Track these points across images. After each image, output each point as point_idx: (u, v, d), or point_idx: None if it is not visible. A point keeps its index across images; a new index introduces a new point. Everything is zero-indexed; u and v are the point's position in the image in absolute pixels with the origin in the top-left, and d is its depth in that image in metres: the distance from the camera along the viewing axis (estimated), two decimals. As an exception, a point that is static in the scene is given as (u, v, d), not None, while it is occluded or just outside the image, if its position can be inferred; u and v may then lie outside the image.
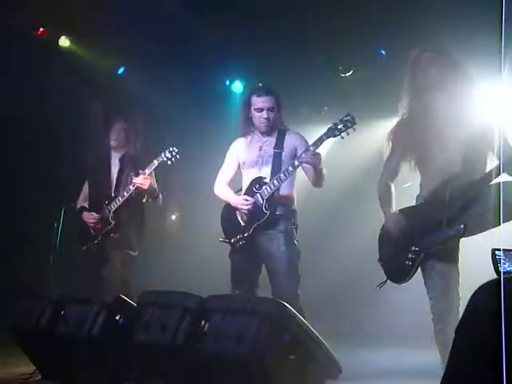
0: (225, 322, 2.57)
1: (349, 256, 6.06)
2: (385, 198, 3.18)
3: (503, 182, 2.82)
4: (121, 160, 4.45)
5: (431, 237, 2.88)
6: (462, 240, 2.92)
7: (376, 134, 6.67)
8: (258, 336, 2.44)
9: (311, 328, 2.58)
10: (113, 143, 4.44)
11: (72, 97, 5.84)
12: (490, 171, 2.79)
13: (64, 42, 6.01)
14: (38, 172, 5.83)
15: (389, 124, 6.85)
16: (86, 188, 4.57)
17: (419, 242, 2.91)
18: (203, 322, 2.65)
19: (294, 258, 3.43)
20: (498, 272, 2.13)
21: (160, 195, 4.45)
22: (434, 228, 2.87)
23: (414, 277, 2.98)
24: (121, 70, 6.32)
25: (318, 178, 3.49)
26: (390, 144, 3.17)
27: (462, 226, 2.79)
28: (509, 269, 2.12)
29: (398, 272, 3.00)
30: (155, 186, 4.34)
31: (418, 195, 3.10)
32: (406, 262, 2.92)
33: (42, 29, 5.78)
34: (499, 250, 2.11)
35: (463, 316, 1.32)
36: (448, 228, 2.83)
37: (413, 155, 3.06)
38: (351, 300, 5.91)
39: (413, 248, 2.92)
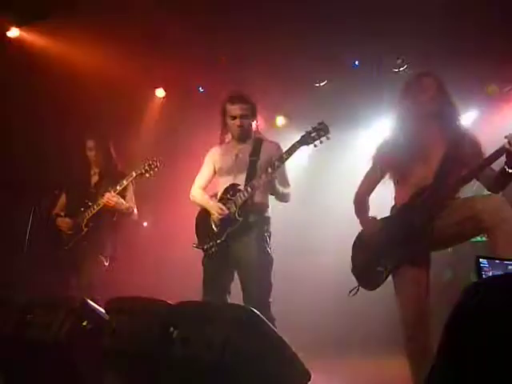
0: (194, 329, 2.55)
1: (324, 265, 6.13)
2: (360, 209, 3.25)
3: (475, 196, 2.91)
4: (100, 171, 4.48)
5: (402, 247, 2.91)
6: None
7: (350, 144, 6.79)
8: (227, 342, 2.42)
9: (280, 336, 2.58)
10: (90, 153, 4.46)
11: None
12: (457, 182, 2.87)
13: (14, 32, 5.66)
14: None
15: (362, 133, 7.03)
16: (63, 198, 4.60)
17: (391, 250, 2.94)
18: (172, 329, 2.62)
19: (266, 265, 3.43)
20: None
21: (134, 210, 4.44)
22: (405, 237, 2.91)
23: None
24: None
25: (276, 197, 3.55)
26: (373, 159, 3.21)
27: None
28: None
29: (369, 279, 3.02)
30: (124, 205, 4.32)
31: (392, 207, 3.14)
32: (378, 269, 2.94)
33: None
34: (483, 257, 2.09)
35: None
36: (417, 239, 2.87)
37: (394, 172, 3.11)
38: (326, 309, 5.95)
39: (385, 255, 2.95)
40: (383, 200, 3.25)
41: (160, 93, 6.77)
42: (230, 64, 5.94)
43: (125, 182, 4.25)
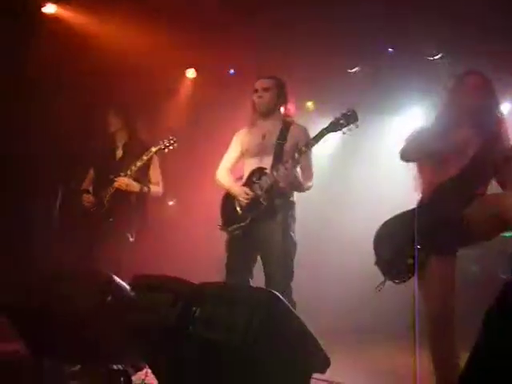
0: (216, 309, 2.57)
1: (348, 252, 6.10)
2: None
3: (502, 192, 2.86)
4: (124, 145, 4.51)
5: (430, 237, 2.85)
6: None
7: (380, 131, 6.72)
8: (249, 324, 2.44)
9: (302, 321, 2.59)
10: (111, 128, 4.48)
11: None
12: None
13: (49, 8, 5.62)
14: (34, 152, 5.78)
15: (394, 120, 6.92)
16: (91, 173, 4.67)
17: (420, 241, 2.86)
18: (195, 308, 2.65)
19: (289, 250, 3.43)
20: None
21: (157, 186, 4.48)
22: (433, 228, 2.86)
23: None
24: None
25: (296, 188, 3.54)
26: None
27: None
28: None
29: (398, 271, 2.96)
30: (137, 187, 4.37)
31: (421, 197, 3.10)
32: (408, 261, 2.88)
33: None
34: None
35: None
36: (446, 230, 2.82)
37: (426, 161, 3.10)
38: (349, 296, 5.94)
39: (413, 247, 2.87)
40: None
41: (191, 73, 6.77)
42: (262, 48, 5.89)
43: (144, 158, 4.30)
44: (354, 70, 6.38)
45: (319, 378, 2.80)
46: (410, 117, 6.84)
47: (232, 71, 6.68)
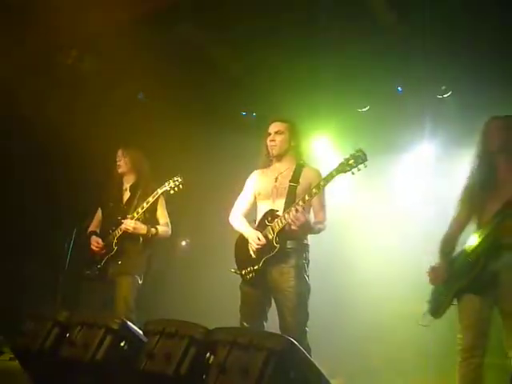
0: (230, 356, 2.53)
1: (360, 295, 6.05)
2: (444, 250, 3.39)
3: None
4: (131, 187, 4.52)
5: (461, 279, 3.19)
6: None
7: (390, 169, 6.72)
8: (264, 371, 2.40)
9: (318, 366, 2.54)
10: (120, 169, 4.51)
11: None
12: None
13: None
14: (47, 194, 5.86)
15: (404, 159, 6.94)
16: (99, 213, 4.67)
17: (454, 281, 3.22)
18: (208, 354, 2.61)
19: (304, 293, 3.39)
20: None
21: (165, 228, 4.48)
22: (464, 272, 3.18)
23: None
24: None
25: (310, 231, 3.51)
26: (459, 203, 3.42)
27: None
28: None
29: (437, 307, 3.28)
30: (144, 229, 4.36)
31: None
32: (443, 298, 3.21)
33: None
34: None
35: None
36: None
37: (475, 213, 3.35)
38: (360, 338, 5.87)
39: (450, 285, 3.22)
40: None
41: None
42: (273, 89, 5.97)
43: (151, 199, 4.30)
44: (364, 110, 6.43)
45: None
46: (420, 154, 6.86)
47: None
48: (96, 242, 4.44)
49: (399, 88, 6.13)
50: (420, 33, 5.15)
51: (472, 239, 3.30)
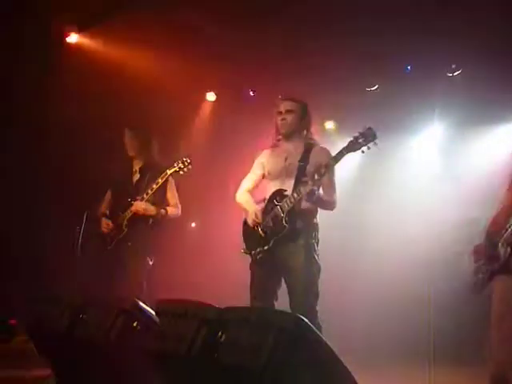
0: (242, 334, 2.55)
1: (370, 274, 6.07)
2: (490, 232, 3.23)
3: None
4: (141, 169, 4.54)
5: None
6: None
7: (400, 149, 6.69)
8: (275, 349, 2.41)
9: (329, 344, 2.55)
10: (129, 152, 4.53)
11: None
12: None
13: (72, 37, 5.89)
14: (59, 177, 5.88)
15: (413, 139, 6.92)
16: (108, 196, 4.69)
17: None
18: (220, 333, 2.64)
19: (314, 273, 3.40)
20: None
21: (175, 209, 4.49)
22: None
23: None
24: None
25: (320, 208, 3.51)
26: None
27: None
28: None
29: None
30: (154, 210, 4.37)
31: None
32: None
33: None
34: None
35: None
36: None
37: None
38: (377, 316, 5.91)
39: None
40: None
41: (211, 96, 6.84)
42: (281, 68, 5.94)
43: (160, 181, 4.32)
44: (372, 89, 6.38)
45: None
46: (430, 134, 6.82)
47: (252, 93, 6.73)
48: (106, 224, 4.47)
49: (408, 67, 6.07)
50: (428, 10, 5.10)
51: None
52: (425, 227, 5.85)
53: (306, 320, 2.49)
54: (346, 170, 3.51)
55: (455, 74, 5.95)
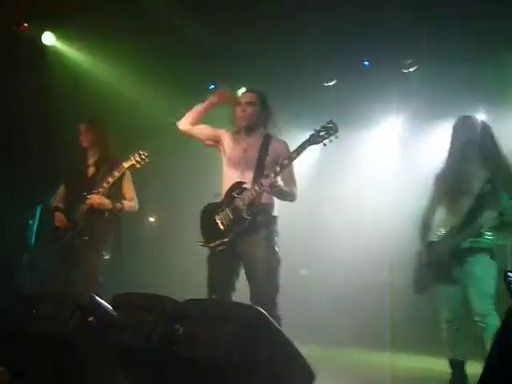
0: (200, 327, 2.54)
1: (330, 262, 6.15)
2: (422, 232, 3.82)
3: None
4: (96, 162, 4.45)
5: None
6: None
7: (357, 143, 6.79)
8: (234, 342, 2.41)
9: (287, 337, 2.57)
10: (84, 144, 4.44)
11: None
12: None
13: (47, 38, 6.03)
14: (12, 170, 5.74)
15: (370, 133, 7.03)
16: (62, 189, 4.58)
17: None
18: (178, 326, 2.61)
19: (274, 265, 3.40)
20: (510, 294, 2.20)
21: (131, 203, 4.44)
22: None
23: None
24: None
25: (282, 199, 3.54)
26: (433, 186, 3.84)
27: None
28: None
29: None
30: (109, 204, 4.32)
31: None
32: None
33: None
34: (511, 271, 2.24)
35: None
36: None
37: (444, 201, 3.75)
38: (331, 308, 6.00)
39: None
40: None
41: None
42: (238, 61, 5.93)
43: (116, 174, 4.26)
44: (330, 84, 6.44)
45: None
46: (387, 128, 6.94)
47: (212, 86, 6.69)
48: (59, 218, 4.38)
49: (366, 62, 6.15)
50: (385, 6, 5.17)
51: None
52: (383, 216, 5.97)
53: (265, 313, 2.50)
54: (306, 162, 3.51)
55: (411, 69, 6.06)
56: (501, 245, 3.61)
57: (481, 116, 6.16)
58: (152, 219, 7.20)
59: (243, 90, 3.81)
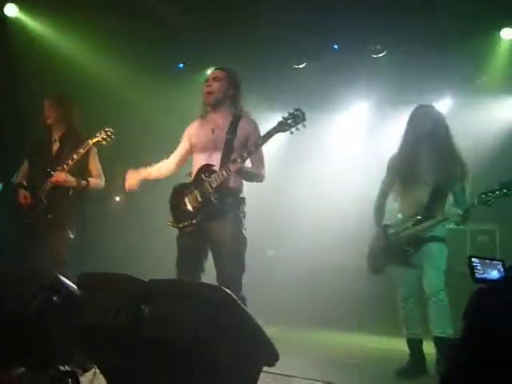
0: (166, 306, 2.55)
1: (295, 247, 6.22)
2: (377, 215, 4.06)
3: None
4: (60, 138, 4.37)
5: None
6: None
7: (326, 127, 6.83)
8: (200, 321, 2.43)
9: (251, 316, 2.60)
10: (48, 120, 4.36)
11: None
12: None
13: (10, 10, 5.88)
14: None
15: (339, 117, 7.08)
16: (25, 166, 4.48)
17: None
18: (144, 306, 2.62)
19: (240, 246, 3.43)
20: (473, 278, 2.35)
21: (97, 180, 4.39)
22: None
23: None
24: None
25: (250, 181, 3.58)
26: (387, 170, 4.05)
27: None
28: (483, 275, 2.28)
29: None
30: (74, 182, 4.26)
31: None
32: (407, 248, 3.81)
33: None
34: (475, 257, 2.36)
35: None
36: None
37: (397, 186, 3.97)
38: (296, 291, 6.08)
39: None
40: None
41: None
42: (208, 42, 5.88)
43: (81, 151, 4.19)
44: (300, 66, 6.45)
45: (268, 371, 2.83)
46: (355, 113, 6.99)
47: (181, 65, 6.64)
48: (24, 196, 4.30)
49: (335, 46, 6.17)
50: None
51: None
52: (349, 200, 6.06)
53: (231, 293, 2.52)
54: (274, 143, 3.51)
55: (380, 55, 6.12)
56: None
57: (447, 102, 6.30)
58: (119, 197, 7.13)
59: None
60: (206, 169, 3.46)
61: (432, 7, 5.26)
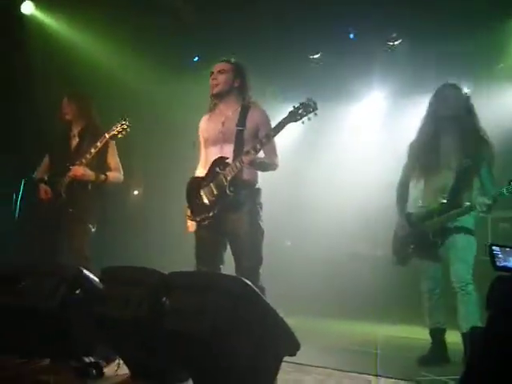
0: (186, 298, 2.58)
1: (312, 237, 6.22)
2: (399, 204, 3.93)
3: None
4: (79, 133, 4.42)
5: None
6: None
7: (340, 119, 6.81)
8: (219, 312, 2.46)
9: (271, 306, 2.62)
10: (67, 116, 4.41)
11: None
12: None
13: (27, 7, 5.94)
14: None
15: (353, 106, 7.05)
16: (46, 161, 4.54)
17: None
18: (165, 298, 2.66)
19: (257, 237, 3.44)
20: (494, 266, 2.31)
21: (116, 173, 4.43)
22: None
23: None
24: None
25: (264, 171, 3.58)
26: (407, 157, 3.89)
27: None
28: (504, 263, 2.29)
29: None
30: (93, 176, 4.30)
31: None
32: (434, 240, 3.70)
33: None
34: (496, 245, 2.31)
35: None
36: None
37: (418, 172, 3.83)
38: (314, 281, 6.09)
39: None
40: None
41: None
42: (223, 34, 5.88)
43: (99, 144, 4.22)
44: (315, 56, 6.42)
45: (289, 360, 2.85)
46: (371, 103, 6.95)
47: (196, 58, 6.66)
48: (44, 190, 4.36)
49: (351, 35, 6.13)
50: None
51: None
52: (367, 189, 6.04)
53: (250, 284, 2.55)
54: (288, 134, 3.50)
55: (395, 43, 6.07)
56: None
57: (465, 90, 6.22)
58: (138, 191, 7.19)
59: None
60: (220, 161, 3.47)
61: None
